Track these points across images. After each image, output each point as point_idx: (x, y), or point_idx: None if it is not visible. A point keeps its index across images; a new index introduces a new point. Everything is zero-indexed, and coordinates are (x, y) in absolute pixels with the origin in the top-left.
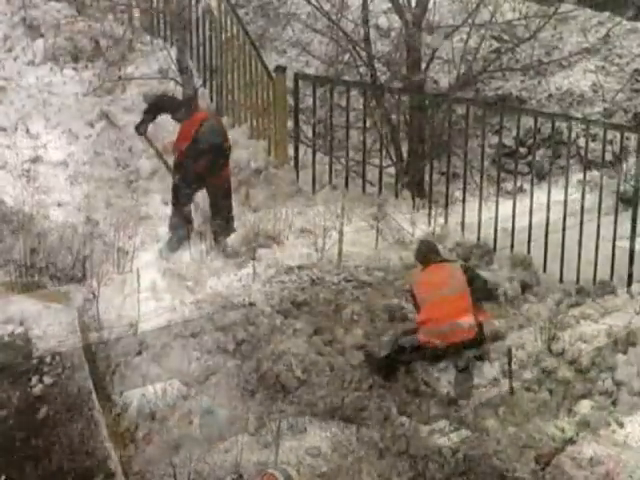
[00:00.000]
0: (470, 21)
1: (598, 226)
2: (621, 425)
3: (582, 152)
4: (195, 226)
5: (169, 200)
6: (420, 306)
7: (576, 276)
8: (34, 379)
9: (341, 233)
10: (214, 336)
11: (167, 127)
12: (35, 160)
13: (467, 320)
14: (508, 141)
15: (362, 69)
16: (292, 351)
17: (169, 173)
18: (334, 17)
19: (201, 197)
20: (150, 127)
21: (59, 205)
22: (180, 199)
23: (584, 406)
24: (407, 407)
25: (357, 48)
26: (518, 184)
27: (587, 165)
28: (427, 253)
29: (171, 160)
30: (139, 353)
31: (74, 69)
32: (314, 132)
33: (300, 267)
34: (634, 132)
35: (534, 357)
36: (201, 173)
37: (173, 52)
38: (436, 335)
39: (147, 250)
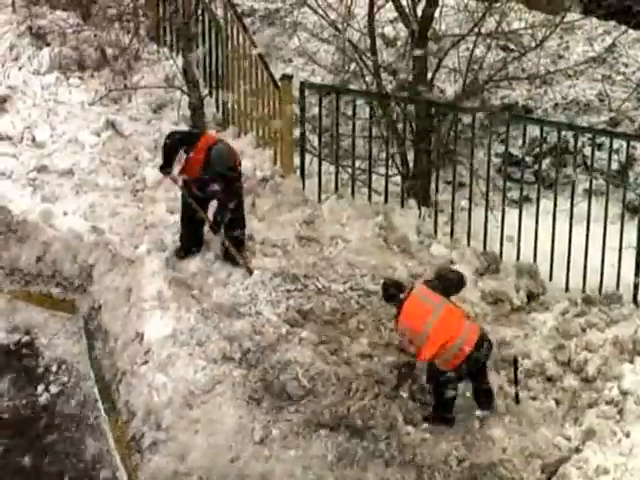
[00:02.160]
0: (476, 30)
1: (604, 235)
2: (627, 434)
3: (588, 161)
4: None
5: (175, 209)
6: (422, 344)
7: (582, 285)
8: (40, 388)
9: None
10: (220, 345)
11: None
12: (41, 169)
13: (467, 325)
14: (514, 150)
15: (368, 78)
16: (298, 360)
17: (200, 211)
18: (340, 26)
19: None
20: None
21: (65, 214)
22: (190, 216)
23: (590, 415)
24: (413, 416)
25: (363, 57)
26: (524, 193)
27: (593, 174)
28: (394, 293)
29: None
30: (145, 362)
31: (80, 78)
32: (320, 141)
33: (306, 276)
34: None
35: (540, 366)
36: (216, 197)
37: (179, 61)
38: (454, 356)
39: (153, 259)
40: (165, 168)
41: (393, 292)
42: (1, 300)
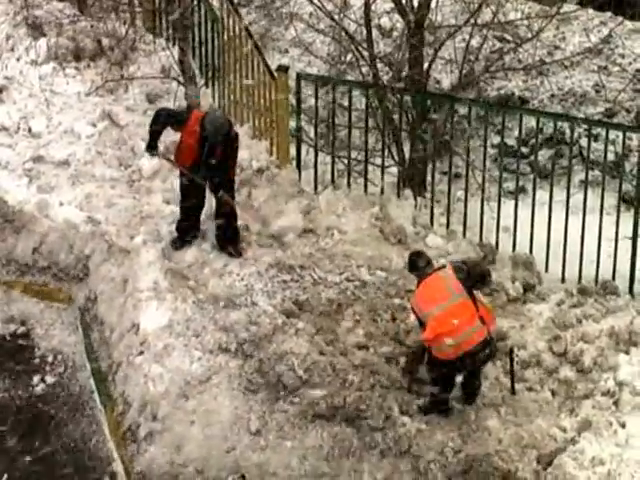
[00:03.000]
0: (472, 21)
1: (600, 226)
2: (623, 425)
3: (584, 152)
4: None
5: (171, 199)
6: (424, 322)
7: (578, 276)
8: (36, 378)
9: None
10: (216, 336)
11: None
12: (37, 159)
13: (476, 324)
14: (510, 141)
15: (364, 69)
16: (294, 351)
17: (198, 179)
18: (336, 17)
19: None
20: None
21: (61, 204)
22: (190, 201)
23: (586, 406)
24: (409, 407)
25: (359, 48)
26: (520, 184)
27: (589, 165)
28: (419, 265)
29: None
30: (141, 353)
31: (76, 69)
32: (316, 132)
33: (302, 267)
34: (636, 132)
35: (536, 357)
36: (215, 165)
37: (175, 52)
38: (453, 347)
39: (149, 249)
40: (151, 147)
41: (419, 263)
42: None
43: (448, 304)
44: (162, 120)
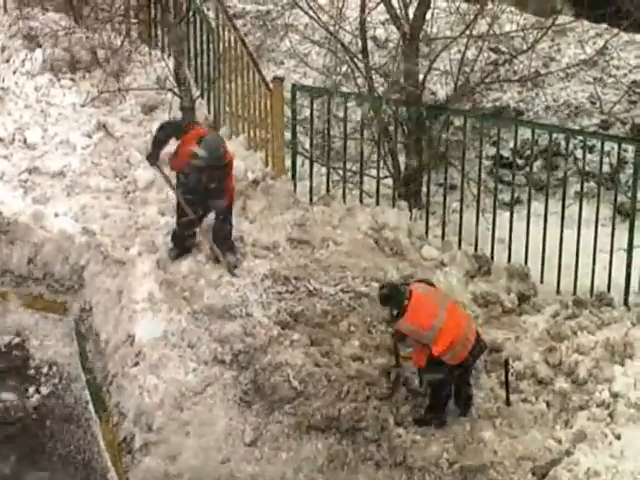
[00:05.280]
0: (468, 32)
1: (595, 237)
2: (618, 437)
3: (579, 164)
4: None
5: (166, 211)
6: (433, 339)
7: (573, 287)
8: (31, 389)
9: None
10: (211, 347)
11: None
12: (32, 170)
13: (466, 315)
14: (505, 152)
15: (360, 80)
16: (289, 362)
17: (182, 201)
18: (332, 28)
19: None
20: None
21: (56, 215)
22: (185, 215)
23: (581, 418)
24: (404, 418)
25: (355, 59)
26: (515, 195)
27: (584, 177)
28: (392, 295)
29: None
30: (136, 364)
31: (72, 80)
32: (311, 143)
33: (297, 278)
34: (631, 144)
35: (531, 368)
36: (203, 189)
37: (171, 63)
38: (460, 350)
39: (144, 260)
40: (152, 157)
41: (391, 294)
42: None
43: (443, 313)
44: (167, 132)
